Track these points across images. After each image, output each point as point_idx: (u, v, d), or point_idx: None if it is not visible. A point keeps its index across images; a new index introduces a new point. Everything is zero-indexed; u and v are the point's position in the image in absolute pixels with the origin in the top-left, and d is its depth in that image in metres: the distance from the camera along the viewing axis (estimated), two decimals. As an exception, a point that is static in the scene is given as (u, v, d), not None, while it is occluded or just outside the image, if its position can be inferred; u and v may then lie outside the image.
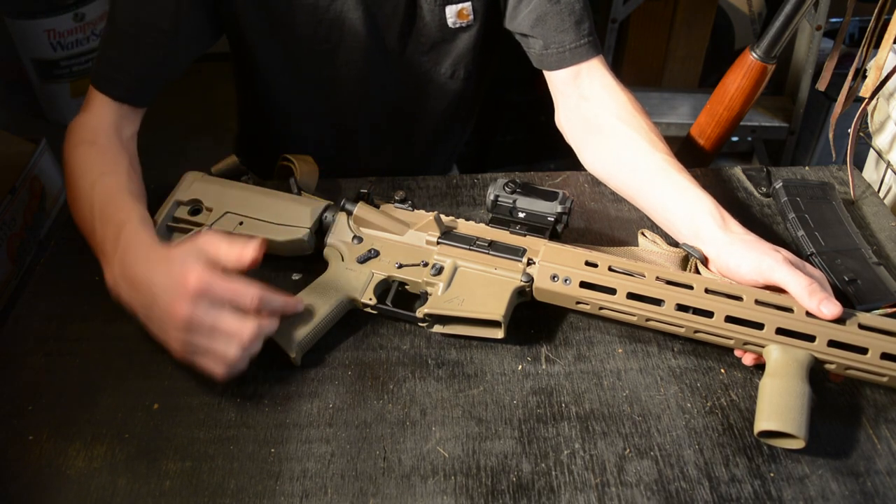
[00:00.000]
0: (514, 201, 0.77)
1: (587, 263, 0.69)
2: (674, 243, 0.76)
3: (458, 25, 0.92)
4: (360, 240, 0.76)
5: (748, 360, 0.68)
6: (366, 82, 0.97)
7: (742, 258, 0.67)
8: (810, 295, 0.62)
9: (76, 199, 0.78)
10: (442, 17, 0.91)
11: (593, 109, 0.86)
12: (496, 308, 0.68)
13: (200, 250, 0.64)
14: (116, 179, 0.77)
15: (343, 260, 0.75)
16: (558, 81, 0.89)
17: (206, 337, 0.62)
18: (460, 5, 0.91)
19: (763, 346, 0.64)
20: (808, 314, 0.63)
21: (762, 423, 0.60)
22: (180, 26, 0.85)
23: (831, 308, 0.62)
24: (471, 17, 0.92)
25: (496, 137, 2.13)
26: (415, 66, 0.97)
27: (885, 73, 0.87)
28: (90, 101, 0.85)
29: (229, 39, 0.95)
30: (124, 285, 0.67)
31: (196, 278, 0.61)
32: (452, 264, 0.73)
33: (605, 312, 0.69)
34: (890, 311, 0.72)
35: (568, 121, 0.91)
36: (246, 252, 0.63)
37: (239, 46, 0.95)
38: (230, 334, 0.62)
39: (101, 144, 0.81)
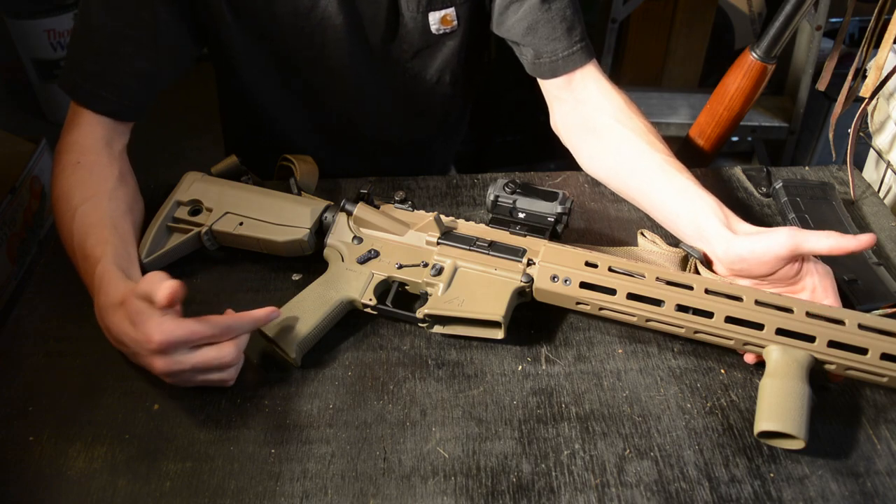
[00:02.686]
0: (514, 201, 0.77)
1: (587, 264, 0.69)
2: (673, 243, 0.76)
3: (441, 31, 0.92)
4: (360, 240, 0.76)
5: (749, 357, 0.68)
6: (351, 89, 0.96)
7: (753, 245, 0.66)
8: (843, 237, 0.63)
9: (60, 229, 0.77)
10: (425, 24, 0.91)
11: (590, 112, 0.86)
12: (496, 308, 0.68)
13: (149, 295, 0.63)
14: (97, 206, 0.75)
15: (343, 260, 0.75)
16: (553, 88, 0.89)
17: (194, 373, 0.64)
18: (443, 11, 0.90)
19: (763, 347, 0.64)
20: (808, 314, 0.63)
21: (762, 423, 0.60)
22: (160, 38, 0.82)
23: (866, 239, 0.63)
24: (455, 22, 0.91)
25: (496, 137, 2.13)
26: (400, 72, 0.96)
27: (885, 73, 0.87)
28: (75, 117, 0.82)
29: (210, 50, 0.94)
30: (105, 332, 0.68)
31: (158, 334, 0.61)
32: (452, 265, 0.73)
33: (605, 313, 0.69)
34: (890, 311, 0.72)
35: (564, 124, 0.90)
36: (163, 292, 0.61)
37: (221, 56, 0.94)
38: (215, 364, 0.64)
39: (88, 162, 0.79)
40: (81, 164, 0.79)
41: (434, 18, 0.90)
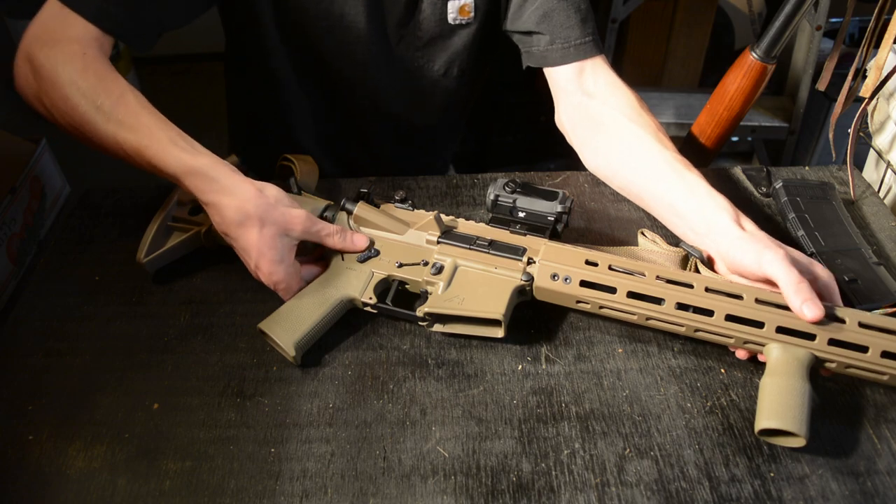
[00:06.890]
0: (514, 201, 0.77)
1: (587, 262, 0.69)
2: (674, 243, 0.76)
3: (458, 22, 0.93)
4: (360, 239, 0.76)
5: (741, 353, 0.69)
6: (361, 74, 0.97)
7: (746, 251, 0.67)
8: (795, 293, 0.62)
9: (77, 113, 0.71)
10: (443, 12, 0.92)
11: (598, 107, 0.86)
12: (496, 307, 0.68)
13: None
14: (134, 99, 0.71)
15: (343, 259, 0.75)
16: (561, 79, 0.89)
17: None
18: (463, 1, 0.91)
19: (763, 345, 0.64)
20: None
21: (763, 421, 0.60)
22: None
23: (813, 310, 0.61)
24: (472, 13, 0.92)
25: (496, 137, 2.14)
26: (406, 60, 0.97)
27: (885, 73, 0.87)
28: (65, 18, 0.73)
29: (226, 29, 0.95)
30: (225, 238, 0.72)
31: (276, 275, 0.70)
32: (452, 263, 0.73)
33: (605, 311, 0.69)
34: (890, 311, 0.71)
35: (570, 119, 0.90)
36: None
37: (236, 36, 0.95)
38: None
39: (93, 56, 0.72)
40: (88, 56, 0.72)
41: (453, 7, 0.92)
